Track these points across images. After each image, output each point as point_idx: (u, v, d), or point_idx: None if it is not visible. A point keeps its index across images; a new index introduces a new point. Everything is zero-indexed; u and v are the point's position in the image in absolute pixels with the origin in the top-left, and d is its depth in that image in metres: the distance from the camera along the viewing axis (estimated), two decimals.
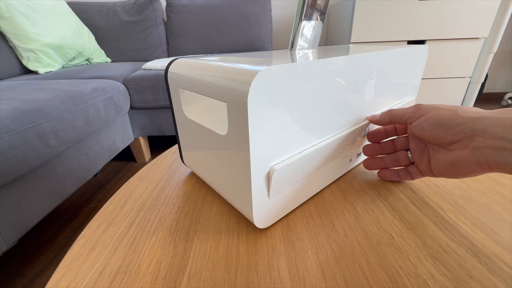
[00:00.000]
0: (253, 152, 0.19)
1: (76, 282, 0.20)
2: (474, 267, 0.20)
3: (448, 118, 0.22)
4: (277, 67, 0.18)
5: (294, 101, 0.21)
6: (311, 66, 0.21)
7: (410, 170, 0.29)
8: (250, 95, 0.17)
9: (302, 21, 0.31)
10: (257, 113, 0.18)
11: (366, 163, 0.32)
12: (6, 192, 0.52)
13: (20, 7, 1.07)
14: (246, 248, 0.23)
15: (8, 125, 0.51)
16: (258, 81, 0.17)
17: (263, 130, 0.19)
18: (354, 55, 0.25)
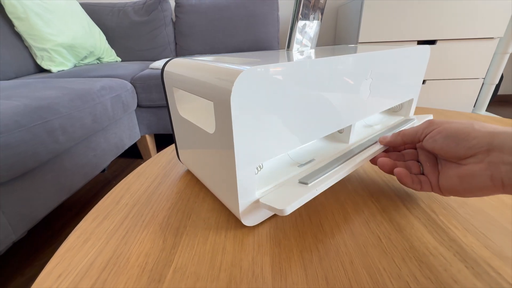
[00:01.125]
0: (238, 151, 0.20)
1: (68, 271, 0.21)
2: (460, 271, 0.19)
3: (463, 131, 0.21)
4: (260, 67, 0.18)
5: (280, 101, 0.21)
6: (297, 66, 0.21)
7: (421, 179, 0.26)
8: (233, 94, 0.18)
9: (298, 21, 0.31)
10: (241, 112, 0.19)
11: (380, 162, 0.28)
12: (16, 185, 0.55)
13: (35, 7, 1.11)
14: (232, 245, 0.23)
15: (19, 121, 0.54)
16: (241, 80, 0.18)
17: (248, 129, 0.20)
18: (346, 56, 0.25)
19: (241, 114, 0.19)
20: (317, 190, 0.22)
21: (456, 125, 0.22)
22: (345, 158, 0.28)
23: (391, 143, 0.29)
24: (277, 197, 0.23)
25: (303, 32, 0.33)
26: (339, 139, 0.35)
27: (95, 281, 0.20)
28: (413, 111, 0.44)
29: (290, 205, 0.21)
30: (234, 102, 0.18)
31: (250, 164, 0.21)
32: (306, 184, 0.24)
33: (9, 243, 0.55)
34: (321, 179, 0.24)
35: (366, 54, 0.27)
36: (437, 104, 1.38)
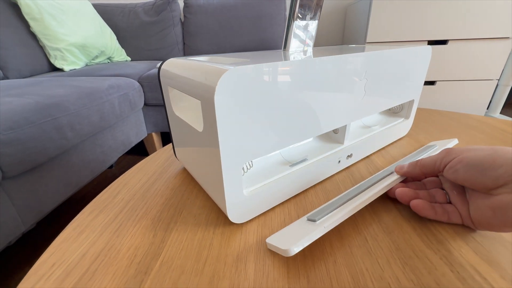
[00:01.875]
0: (223, 149, 0.20)
1: (62, 261, 0.22)
2: (444, 275, 0.19)
3: (486, 159, 0.19)
4: (245, 67, 0.19)
5: (267, 101, 0.21)
6: (283, 67, 0.21)
7: (448, 209, 0.23)
8: (216, 93, 0.18)
9: (294, 21, 0.32)
10: (226, 111, 0.19)
11: (399, 193, 0.25)
12: (25, 178, 0.57)
13: (49, 8, 1.15)
14: (219, 241, 0.24)
15: (29, 118, 0.56)
16: (224, 80, 0.18)
17: (233, 128, 0.20)
18: (337, 56, 0.25)
19: (226, 113, 0.19)
20: (325, 228, 0.21)
21: (478, 152, 0.20)
22: (357, 192, 0.26)
23: (409, 173, 0.27)
24: (283, 236, 0.22)
25: (300, 32, 0.33)
26: (334, 140, 0.35)
27: (86, 271, 0.21)
28: (414, 112, 0.43)
29: (295, 244, 0.19)
30: (218, 101, 0.18)
31: (236, 162, 0.22)
32: (314, 221, 0.22)
33: (19, 234, 0.58)
34: (330, 215, 0.23)
35: (359, 55, 0.27)
36: (448, 106, 1.34)
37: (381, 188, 0.26)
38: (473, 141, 0.41)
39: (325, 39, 1.74)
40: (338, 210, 0.23)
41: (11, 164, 0.52)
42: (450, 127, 0.47)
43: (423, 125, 0.49)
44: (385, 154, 0.39)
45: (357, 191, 0.26)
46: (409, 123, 0.44)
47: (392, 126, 0.41)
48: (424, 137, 0.44)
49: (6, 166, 0.51)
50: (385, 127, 0.39)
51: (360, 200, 0.24)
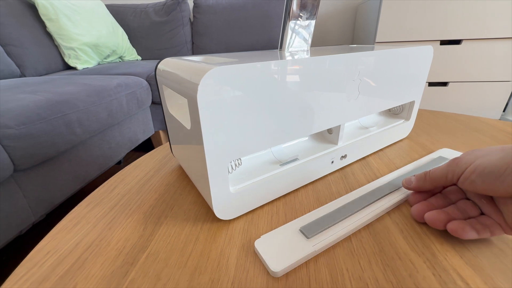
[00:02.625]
0: (207, 146, 0.21)
1: (56, 249, 0.23)
2: (425, 278, 0.19)
3: (500, 164, 0.18)
4: (228, 67, 0.19)
5: (252, 100, 0.22)
6: (269, 66, 0.22)
7: (486, 222, 0.21)
8: (199, 92, 0.19)
9: (289, 21, 0.32)
10: (210, 110, 0.20)
11: (429, 218, 0.23)
12: (36, 171, 0.60)
13: (64, 9, 1.20)
14: (205, 236, 0.24)
15: (40, 114, 0.59)
16: (207, 79, 0.19)
17: (218, 126, 0.21)
18: (327, 56, 0.25)
19: (210, 111, 0.20)
20: (316, 251, 0.21)
21: (489, 157, 0.19)
22: (357, 208, 0.25)
23: (418, 188, 0.25)
24: (271, 245, 0.22)
25: (296, 32, 0.33)
26: (329, 140, 0.35)
27: (76, 260, 0.22)
28: (415, 113, 0.42)
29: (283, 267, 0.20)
30: (201, 100, 0.19)
31: (222, 160, 0.22)
32: (306, 236, 0.22)
33: (29, 224, 0.61)
34: (324, 234, 0.22)
35: (351, 55, 0.27)
36: (461, 109, 1.29)
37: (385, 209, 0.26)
38: (477, 145, 0.40)
39: (335, 38, 1.72)
40: (334, 228, 0.23)
41: (23, 157, 0.55)
42: (454, 130, 0.46)
43: (427, 127, 0.48)
44: (382, 156, 0.38)
45: (357, 207, 0.26)
46: (410, 125, 0.43)
47: (391, 128, 0.40)
48: (425, 139, 0.43)
49: (18, 159, 0.54)
50: (383, 129, 0.39)
51: (360, 222, 0.24)
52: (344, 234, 0.23)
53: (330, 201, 0.28)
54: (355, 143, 0.35)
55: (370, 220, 0.25)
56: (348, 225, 0.24)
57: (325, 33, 1.71)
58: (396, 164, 0.36)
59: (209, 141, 0.21)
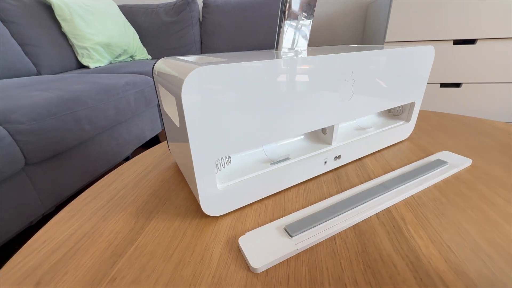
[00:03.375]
0: (193, 144, 0.21)
1: (52, 239, 0.25)
2: (405, 281, 0.19)
3: None
4: (213, 66, 0.20)
5: (238, 99, 0.22)
6: (254, 66, 0.22)
7: None
8: (183, 91, 0.19)
9: (285, 21, 0.32)
10: (195, 108, 0.20)
11: None
12: (46, 165, 0.63)
13: (79, 10, 1.24)
14: (193, 231, 0.25)
15: (51, 110, 0.62)
16: (191, 79, 0.19)
17: (203, 124, 0.21)
18: (316, 57, 0.25)
19: (195, 110, 0.20)
20: (298, 250, 0.21)
21: None
22: (344, 208, 0.25)
23: None
24: (254, 242, 0.22)
25: (292, 33, 0.33)
26: (323, 140, 0.35)
27: (69, 249, 0.23)
28: (416, 115, 0.41)
29: (263, 263, 0.20)
30: (185, 98, 0.19)
31: (208, 157, 0.23)
32: (289, 235, 0.23)
33: (39, 215, 0.64)
34: (308, 234, 0.23)
35: (343, 55, 0.27)
36: (474, 111, 1.25)
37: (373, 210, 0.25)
38: (482, 149, 0.39)
39: (345, 38, 1.70)
40: (318, 228, 0.23)
41: (34, 151, 0.58)
42: (459, 133, 0.45)
43: (430, 129, 0.47)
44: (379, 157, 0.38)
45: (344, 208, 0.26)
46: (410, 127, 0.42)
47: (390, 129, 0.39)
48: (426, 141, 0.42)
49: (29, 153, 0.57)
50: (381, 130, 0.38)
51: (346, 223, 0.24)
52: (328, 234, 0.23)
53: (319, 199, 0.28)
54: (350, 144, 0.35)
55: (357, 221, 0.25)
56: (333, 226, 0.24)
57: (334, 33, 1.69)
58: (392, 166, 0.35)
59: (194, 139, 0.21)
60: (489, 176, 0.31)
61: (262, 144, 0.26)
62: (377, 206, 0.26)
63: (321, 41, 1.73)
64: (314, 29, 1.69)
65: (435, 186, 0.30)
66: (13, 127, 0.54)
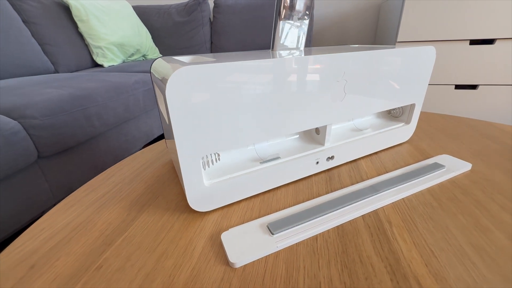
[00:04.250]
0: (178, 141, 0.22)
1: (50, 227, 0.26)
2: (381, 283, 0.19)
3: None
4: (195, 66, 0.20)
5: (222, 99, 0.23)
6: (239, 66, 0.22)
7: None
8: (167, 90, 0.20)
9: (280, 21, 0.32)
10: (179, 106, 0.21)
11: None
12: (58, 159, 0.66)
13: (94, 11, 1.29)
14: (180, 225, 0.26)
15: (63, 107, 0.65)
16: (174, 78, 0.20)
17: (187, 122, 0.22)
18: (305, 57, 0.26)
19: (179, 108, 0.21)
20: (278, 247, 0.22)
21: None
22: (329, 208, 0.25)
23: None
24: (236, 238, 0.23)
25: (287, 33, 0.33)
26: (316, 140, 0.35)
27: (64, 237, 0.25)
28: (416, 117, 0.41)
29: (242, 259, 0.21)
30: (169, 97, 0.20)
31: (193, 154, 0.23)
32: (271, 233, 0.23)
33: (50, 205, 0.67)
34: (289, 233, 0.23)
35: (332, 56, 0.27)
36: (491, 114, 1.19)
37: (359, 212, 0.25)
38: (485, 153, 0.37)
39: (357, 38, 1.67)
40: (300, 227, 0.23)
41: (46, 145, 0.61)
42: (463, 136, 0.43)
43: (432, 132, 0.45)
44: (375, 159, 0.37)
45: (330, 208, 0.26)
46: (410, 129, 0.41)
47: (388, 131, 0.39)
48: (427, 144, 0.41)
49: (42, 147, 0.60)
50: (378, 131, 0.38)
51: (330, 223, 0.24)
52: (310, 234, 0.23)
53: (307, 199, 0.28)
54: (344, 145, 0.34)
55: (341, 222, 0.25)
56: (317, 225, 0.24)
57: (346, 32, 1.67)
58: (387, 168, 0.35)
59: (180, 136, 0.22)
60: (487, 182, 0.30)
61: (249, 143, 0.26)
62: (363, 208, 0.26)
63: (331, 41, 1.71)
64: (325, 29, 1.68)
65: (429, 190, 0.29)
66: (27, 122, 0.57)
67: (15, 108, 0.58)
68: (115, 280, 0.20)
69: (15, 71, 1.00)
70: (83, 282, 0.20)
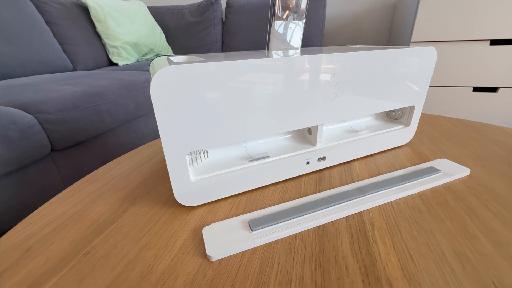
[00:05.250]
0: (163, 137, 0.23)
1: (49, 214, 0.28)
2: (352, 283, 0.19)
3: None
4: (177, 66, 0.21)
5: (206, 98, 0.23)
6: (222, 67, 0.23)
7: None
8: (151, 89, 0.21)
9: (274, 21, 0.33)
10: (163, 104, 0.22)
11: None
12: (70, 152, 0.70)
13: (111, 12, 1.35)
14: (166, 218, 0.27)
15: (75, 103, 0.68)
16: (158, 77, 0.21)
17: (172, 119, 0.23)
18: (291, 57, 0.26)
19: (163, 106, 0.22)
20: (255, 243, 0.22)
21: None
22: (314, 208, 0.26)
23: None
24: (217, 232, 0.24)
25: (282, 33, 0.34)
26: (308, 141, 0.35)
27: (60, 224, 0.26)
28: (416, 119, 0.39)
29: (218, 253, 0.21)
30: (153, 95, 0.21)
31: (178, 150, 0.24)
32: (250, 230, 0.24)
33: None
34: (268, 230, 0.23)
35: (319, 57, 0.27)
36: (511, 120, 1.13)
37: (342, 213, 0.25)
38: (488, 158, 0.36)
39: (370, 37, 1.63)
40: (280, 226, 0.24)
41: (59, 139, 0.65)
42: (468, 140, 0.42)
43: (436, 135, 0.44)
44: (370, 161, 0.37)
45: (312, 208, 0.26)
46: (410, 131, 0.40)
47: (385, 133, 0.38)
48: (428, 148, 0.40)
49: (55, 141, 0.64)
50: (374, 133, 0.37)
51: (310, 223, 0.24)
52: (289, 232, 0.23)
53: (293, 199, 0.28)
54: (336, 146, 0.34)
55: (323, 222, 0.25)
56: (297, 224, 0.24)
57: (360, 32, 1.63)
58: (380, 171, 0.34)
59: (165, 133, 0.23)
60: (484, 188, 0.29)
61: (234, 142, 0.27)
62: (348, 210, 0.26)
63: (344, 40, 1.68)
64: (338, 28, 1.65)
65: (420, 194, 0.29)
66: (42, 116, 0.61)
67: (32, 104, 0.62)
68: (99, 265, 0.21)
69: (37, 69, 1.06)
70: (70, 266, 0.21)
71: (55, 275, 0.21)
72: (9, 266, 0.22)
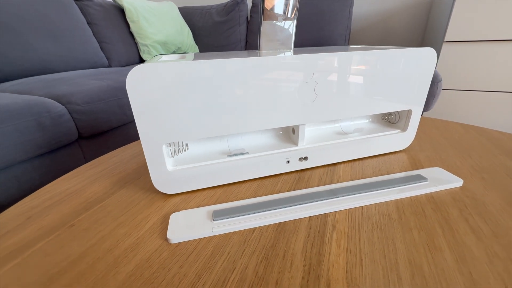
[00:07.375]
0: (140, 129, 0.26)
1: (53, 190, 0.32)
2: (291, 279, 0.19)
3: None
4: (151, 65, 0.23)
5: (181, 95, 0.25)
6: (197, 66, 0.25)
7: None
8: (127, 85, 0.24)
9: (263, 21, 0.34)
10: (139, 99, 0.24)
11: None
12: (94, 140, 0.78)
13: (144, 12, 1.45)
14: (146, 202, 0.29)
15: (101, 96, 0.76)
16: (132, 75, 0.23)
17: (147, 114, 0.25)
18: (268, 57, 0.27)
19: (139, 100, 0.24)
20: (213, 232, 0.24)
21: None
22: (279, 205, 0.26)
23: None
24: (182, 219, 0.26)
25: (272, 33, 0.34)
26: (291, 140, 0.35)
27: (59, 199, 0.30)
28: (414, 124, 0.37)
29: (178, 236, 0.23)
30: (129, 90, 0.24)
31: (154, 142, 0.27)
32: (212, 218, 0.25)
33: None
34: (228, 222, 0.25)
35: (298, 57, 0.27)
36: None
37: (306, 213, 0.26)
38: (492, 169, 0.33)
39: (402, 37, 1.53)
40: (242, 219, 0.25)
41: (85, 127, 0.72)
42: (475, 150, 0.38)
43: (441, 142, 0.41)
44: (356, 165, 0.36)
45: (276, 204, 0.26)
46: (407, 137, 0.38)
47: (377, 137, 0.37)
48: (425, 155, 0.38)
49: (82, 129, 0.72)
50: (363, 137, 0.36)
51: (270, 218, 0.25)
52: (248, 225, 0.24)
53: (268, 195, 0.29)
54: (320, 147, 0.34)
55: (284, 219, 0.25)
56: (257, 219, 0.25)
57: (390, 31, 1.54)
58: (364, 175, 0.33)
59: (141, 124, 0.25)
60: (472, 201, 0.27)
61: (207, 136, 0.28)
62: (312, 210, 0.26)
63: (373, 40, 1.60)
64: (366, 27, 1.58)
65: (397, 201, 0.28)
66: (71, 107, 0.69)
67: (65, 95, 0.70)
68: (79, 237, 0.25)
69: (77, 65, 1.19)
70: (56, 234, 0.25)
71: (42, 240, 0.24)
72: (10, 229, 0.26)
